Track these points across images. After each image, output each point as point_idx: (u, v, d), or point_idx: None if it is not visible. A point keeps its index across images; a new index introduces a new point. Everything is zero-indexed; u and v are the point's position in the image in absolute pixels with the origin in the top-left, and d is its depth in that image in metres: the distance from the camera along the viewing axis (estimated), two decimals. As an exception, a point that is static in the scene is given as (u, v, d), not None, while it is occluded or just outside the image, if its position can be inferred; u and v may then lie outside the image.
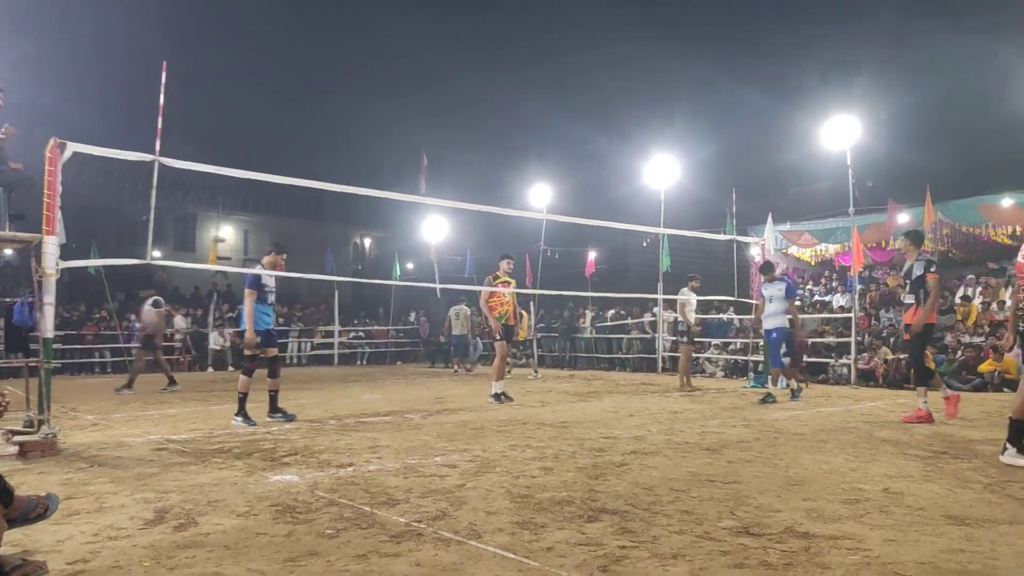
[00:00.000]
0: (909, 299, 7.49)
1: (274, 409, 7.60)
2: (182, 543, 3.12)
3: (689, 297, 11.79)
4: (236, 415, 7.23)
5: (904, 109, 21.72)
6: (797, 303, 10.78)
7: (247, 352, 7.54)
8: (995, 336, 12.22)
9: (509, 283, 9.40)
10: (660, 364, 16.62)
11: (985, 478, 4.38)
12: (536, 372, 15.92)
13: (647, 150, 18.38)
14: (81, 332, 17.58)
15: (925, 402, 7.15)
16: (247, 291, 7.45)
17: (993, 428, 6.57)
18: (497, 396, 9.18)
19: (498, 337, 9.34)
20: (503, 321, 9.36)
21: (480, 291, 9.64)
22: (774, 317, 9.73)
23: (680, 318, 12.00)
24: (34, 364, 5.87)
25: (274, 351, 7.73)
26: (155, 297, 12.01)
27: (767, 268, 10.26)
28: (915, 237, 7.68)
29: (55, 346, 9.68)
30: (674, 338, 15.57)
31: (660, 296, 15.80)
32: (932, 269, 7.24)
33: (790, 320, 9.75)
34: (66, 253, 6.01)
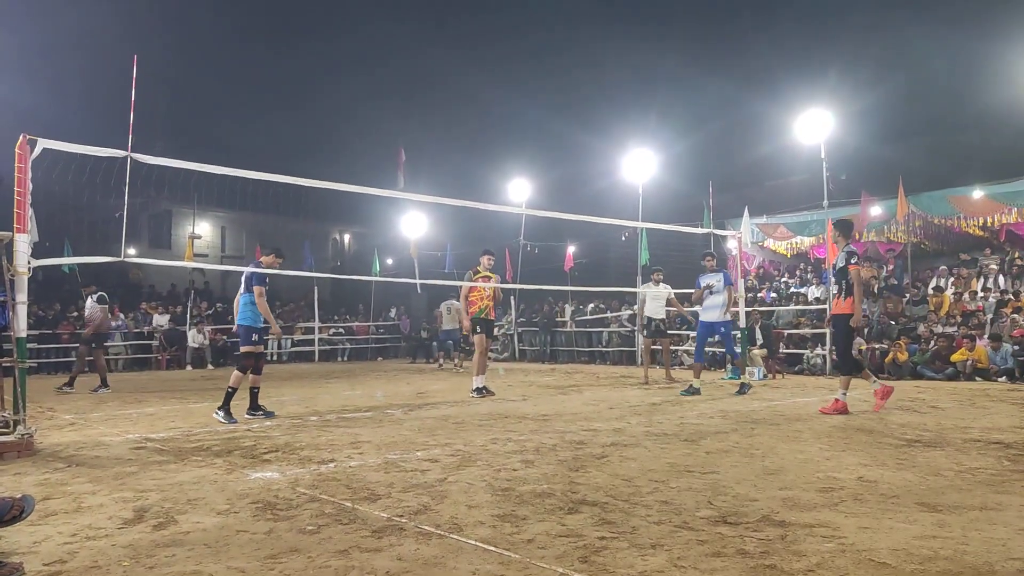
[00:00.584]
0: (835, 289, 7.63)
1: (255, 407, 7.62)
2: (161, 542, 3.10)
3: (653, 290, 11.65)
4: (220, 408, 7.19)
5: (876, 103, 22.01)
6: (737, 295, 10.59)
7: (245, 349, 7.53)
8: (967, 326, 12.45)
9: (490, 278, 9.41)
10: (639, 357, 16.72)
11: (956, 466, 4.47)
12: (502, 371, 15.76)
13: (625, 144, 18.46)
14: (56, 331, 17.33)
15: (844, 393, 7.22)
16: (257, 288, 7.46)
17: (965, 417, 6.70)
18: (479, 390, 9.21)
19: (477, 330, 9.36)
20: (483, 315, 9.38)
21: (460, 286, 9.66)
22: (715, 310, 9.66)
23: (640, 312, 11.70)
24: (8, 364, 5.79)
25: (261, 348, 7.76)
26: (99, 293, 11.78)
27: (710, 256, 10.29)
28: (842, 227, 7.64)
29: (30, 345, 9.54)
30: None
31: (639, 289, 15.89)
32: (853, 260, 7.29)
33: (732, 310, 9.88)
34: (38, 251, 5.92)
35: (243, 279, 7.63)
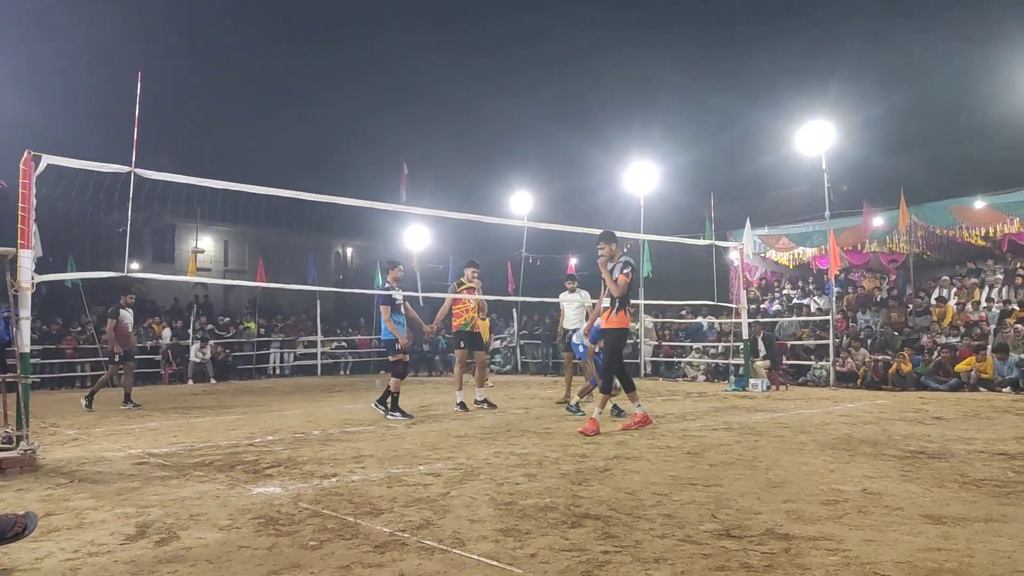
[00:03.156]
0: (606, 302, 7.04)
1: (382, 401, 8.59)
2: (164, 558, 3.10)
3: (567, 298, 10.40)
4: (391, 411, 8.35)
5: (878, 114, 22.09)
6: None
7: (393, 359, 8.56)
8: (970, 336, 12.42)
9: (473, 290, 9.37)
10: (642, 369, 16.70)
11: (961, 477, 4.45)
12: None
13: (626, 156, 18.53)
14: (60, 346, 17.36)
15: (639, 405, 7.13)
16: (383, 308, 8.62)
17: (969, 428, 6.68)
18: (462, 405, 9.16)
19: (461, 345, 9.35)
20: (468, 328, 9.35)
21: (444, 298, 9.63)
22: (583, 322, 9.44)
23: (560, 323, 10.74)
24: (12, 379, 5.80)
25: (404, 357, 8.67)
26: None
27: (571, 278, 10.34)
28: (606, 237, 7.15)
29: (33, 361, 9.54)
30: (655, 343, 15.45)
31: (642, 302, 15.87)
32: (627, 271, 6.84)
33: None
34: (42, 267, 5.95)
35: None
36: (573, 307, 10.21)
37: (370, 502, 4.04)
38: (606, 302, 6.99)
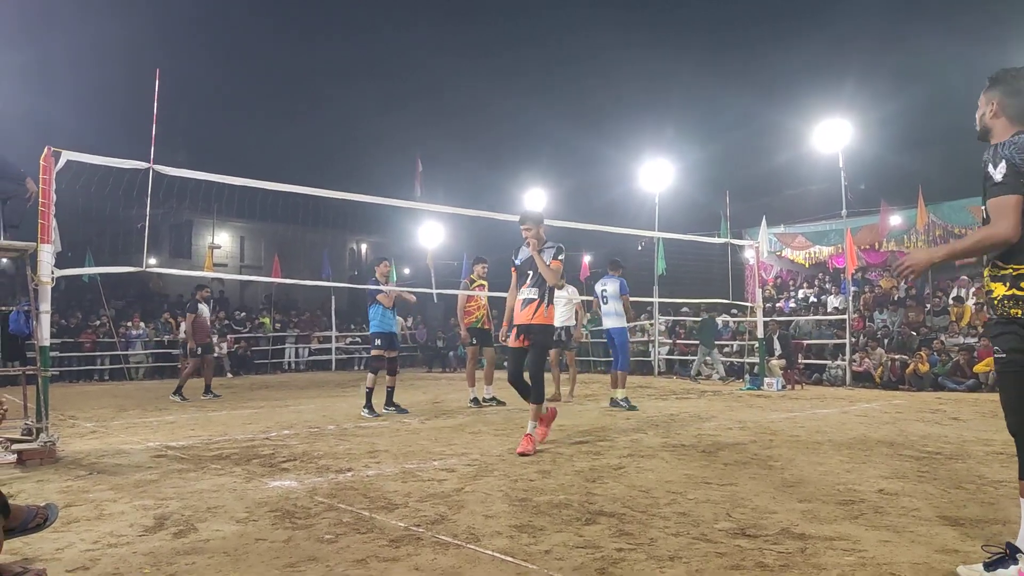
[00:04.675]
0: (532, 293, 5.91)
1: (389, 402, 8.68)
2: (182, 550, 3.13)
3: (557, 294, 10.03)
4: (364, 406, 8.33)
5: (895, 112, 21.86)
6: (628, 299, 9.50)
7: (374, 352, 8.69)
8: (987, 336, 12.30)
9: (483, 286, 9.40)
10: (656, 367, 16.66)
11: (979, 479, 4.41)
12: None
13: (641, 154, 18.48)
14: (79, 340, 17.56)
15: (535, 425, 5.77)
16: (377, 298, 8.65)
17: (988, 429, 6.62)
18: (475, 400, 9.24)
19: (473, 342, 9.40)
20: (479, 325, 9.39)
21: (457, 295, 9.64)
22: (609, 317, 9.30)
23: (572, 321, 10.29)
24: (31, 372, 5.87)
25: (394, 353, 8.76)
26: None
27: (615, 265, 9.60)
28: (532, 218, 6.04)
29: (52, 354, 9.67)
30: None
31: (656, 300, 15.85)
32: (560, 256, 5.92)
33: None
34: (61, 261, 6.02)
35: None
36: (561, 303, 9.80)
37: (385, 497, 4.06)
38: (532, 293, 5.88)
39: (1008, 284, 2.65)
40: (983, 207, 2.72)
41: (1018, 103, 2.77)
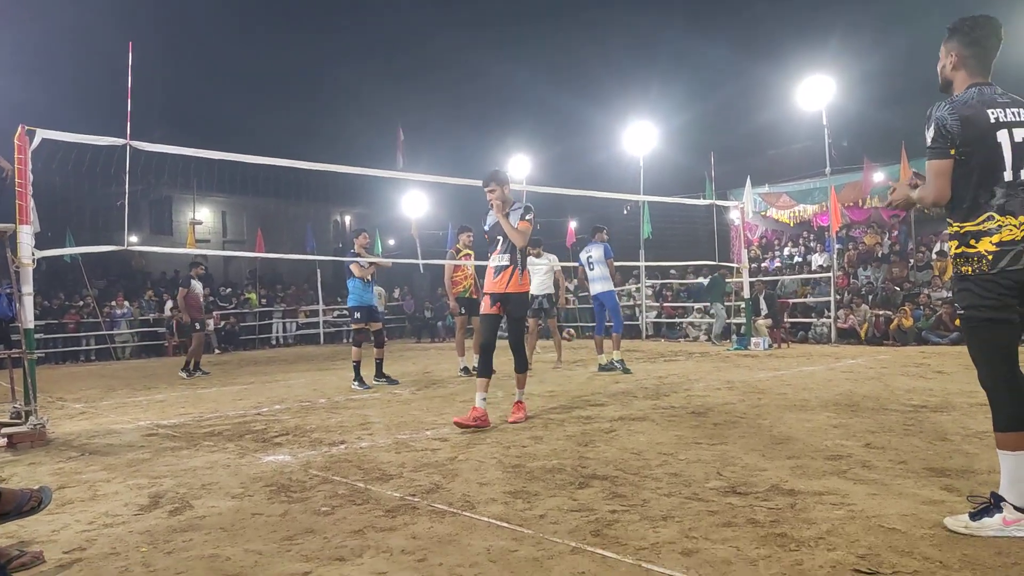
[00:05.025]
0: (503, 260, 5.60)
1: (379, 374, 8.69)
2: (178, 527, 3.14)
3: (534, 264, 9.44)
4: (354, 379, 8.35)
5: (878, 67, 21.79)
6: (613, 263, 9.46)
7: (354, 326, 8.74)
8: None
9: (469, 256, 9.37)
10: (643, 331, 16.76)
11: (963, 430, 4.50)
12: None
13: (625, 117, 18.35)
14: (62, 321, 17.42)
15: (484, 399, 5.42)
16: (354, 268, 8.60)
17: (971, 381, 6.71)
18: (465, 370, 9.27)
19: (461, 311, 9.40)
20: (467, 295, 9.38)
21: (444, 266, 9.61)
22: (597, 282, 9.31)
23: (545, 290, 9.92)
24: (17, 355, 5.83)
25: (378, 325, 8.81)
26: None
27: (598, 230, 9.58)
28: (497, 178, 5.66)
29: (37, 336, 9.60)
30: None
31: (642, 264, 15.88)
32: (528, 216, 5.62)
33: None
34: (41, 242, 5.94)
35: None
36: (541, 272, 9.78)
37: (379, 468, 4.08)
38: (503, 260, 5.59)
39: (958, 242, 2.74)
40: None
41: (977, 53, 2.78)
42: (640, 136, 16.80)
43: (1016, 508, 2.61)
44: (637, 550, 2.61)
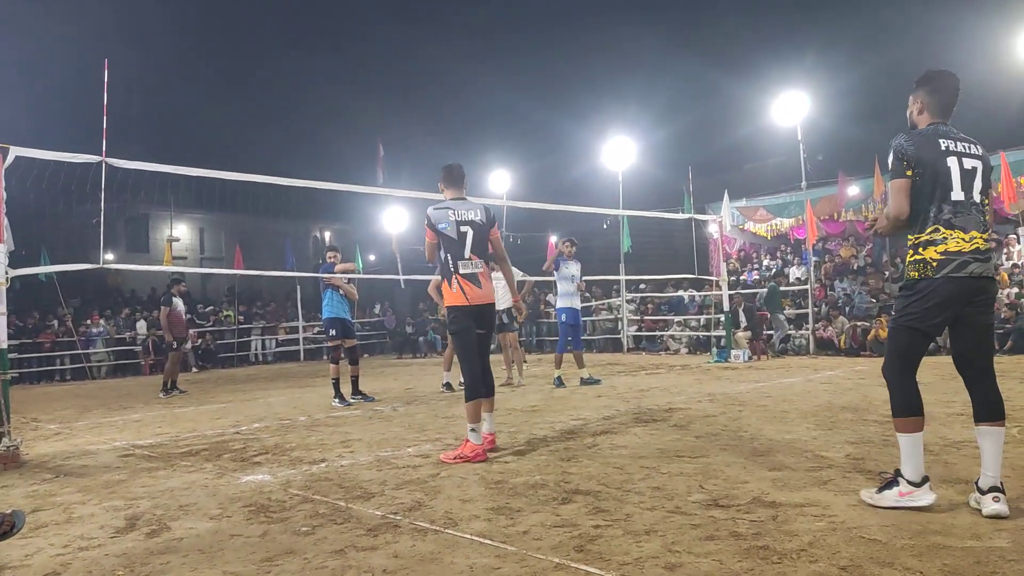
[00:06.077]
0: (476, 267, 4.91)
1: (356, 391, 8.58)
2: (155, 549, 3.09)
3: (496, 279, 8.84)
4: (334, 396, 8.25)
5: (852, 83, 22.22)
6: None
7: (330, 343, 8.70)
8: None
9: None
10: (625, 344, 16.81)
11: (941, 439, 4.55)
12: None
13: (604, 132, 18.53)
14: (37, 340, 17.14)
15: (475, 429, 4.72)
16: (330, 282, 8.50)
17: (948, 391, 6.80)
18: (447, 385, 9.24)
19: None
20: None
21: (428, 281, 9.58)
22: (563, 297, 9.37)
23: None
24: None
25: (352, 342, 8.69)
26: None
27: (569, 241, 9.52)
28: (448, 174, 5.21)
29: (11, 356, 9.42)
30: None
31: (623, 277, 15.95)
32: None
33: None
34: (15, 261, 5.85)
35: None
36: (501, 286, 8.61)
37: (360, 486, 4.04)
38: (476, 266, 4.94)
39: (912, 251, 3.18)
40: None
41: (937, 100, 3.26)
42: (619, 151, 16.95)
43: (909, 482, 3.07)
44: (621, 565, 2.60)
